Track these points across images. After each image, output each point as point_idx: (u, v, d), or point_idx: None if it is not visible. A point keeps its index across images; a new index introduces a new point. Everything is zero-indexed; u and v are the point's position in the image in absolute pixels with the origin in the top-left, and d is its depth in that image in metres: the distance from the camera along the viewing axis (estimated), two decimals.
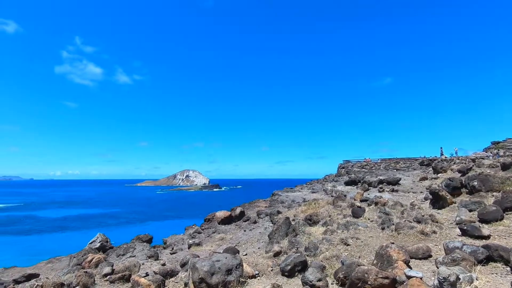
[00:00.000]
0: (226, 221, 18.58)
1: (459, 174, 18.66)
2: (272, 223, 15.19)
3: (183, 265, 9.41)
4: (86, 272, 8.60)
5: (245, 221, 18.00)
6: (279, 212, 16.75)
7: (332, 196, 19.42)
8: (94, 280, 8.43)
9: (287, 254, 8.76)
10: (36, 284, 8.47)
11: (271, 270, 7.95)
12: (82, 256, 12.09)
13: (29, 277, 10.32)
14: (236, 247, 11.21)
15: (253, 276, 7.47)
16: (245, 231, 15.53)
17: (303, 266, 7.41)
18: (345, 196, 16.63)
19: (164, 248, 16.19)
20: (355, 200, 15.28)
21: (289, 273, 7.38)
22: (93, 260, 10.61)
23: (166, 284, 7.78)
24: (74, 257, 12.91)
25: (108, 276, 8.76)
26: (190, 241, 14.51)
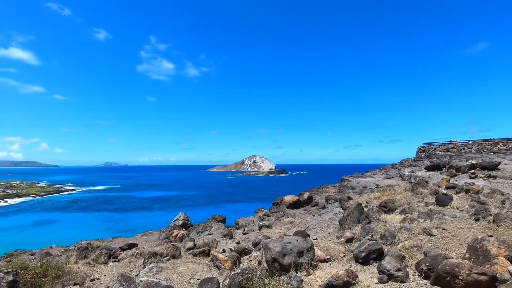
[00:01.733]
0: (294, 205, 18.74)
1: None
2: (343, 209, 14.71)
3: (255, 245, 9.94)
4: (173, 245, 9.83)
5: (313, 206, 17.86)
6: (349, 198, 16.10)
7: (410, 182, 17.69)
8: (180, 253, 9.58)
9: (360, 241, 8.42)
10: (136, 252, 10.08)
11: (344, 256, 7.77)
12: (169, 231, 13.83)
13: (130, 246, 12.33)
14: (305, 231, 11.27)
15: (325, 260, 7.43)
16: (313, 215, 15.44)
17: (378, 254, 7.03)
18: (426, 182, 14.95)
19: (237, 228, 17.32)
20: (439, 186, 13.60)
21: (363, 260, 7.11)
22: (178, 235, 12.04)
23: (241, 261, 8.35)
24: (163, 232, 14.87)
25: (191, 250, 9.85)
26: (261, 223, 15.14)
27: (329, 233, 11.17)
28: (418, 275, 5.83)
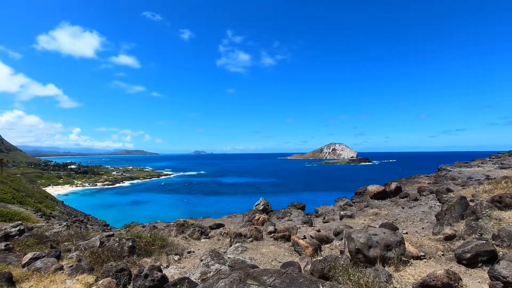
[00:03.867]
0: (379, 196, 17.34)
1: None
2: (440, 202, 12.88)
3: (336, 234, 9.65)
4: (256, 227, 10.39)
5: (402, 198, 16.17)
6: (449, 190, 13.95)
7: None
8: (262, 235, 10.06)
9: (463, 239, 7.25)
10: (223, 231, 11.05)
11: (442, 255, 6.83)
12: (251, 215, 14.67)
13: (218, 226, 13.59)
14: (393, 224, 10.33)
15: (418, 257, 6.68)
16: (403, 208, 13.99)
17: (490, 257, 5.92)
18: None
19: (316, 216, 17.12)
20: None
21: (468, 262, 6.11)
22: (260, 219, 12.65)
23: (322, 249, 8.25)
24: (246, 215, 15.88)
25: (272, 234, 10.23)
26: (342, 213, 14.59)
27: (422, 228, 9.99)
28: None
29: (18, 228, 11.09)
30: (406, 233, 9.38)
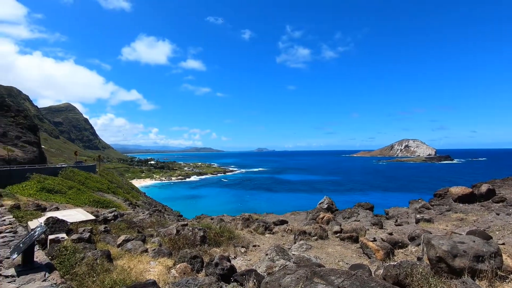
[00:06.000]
0: (465, 199, 15.10)
1: None
2: None
3: (412, 238, 8.79)
4: (320, 226, 10.15)
5: (497, 202, 13.79)
6: None
7: None
8: (327, 235, 9.78)
9: None
10: (287, 228, 11.09)
11: None
12: (315, 213, 14.36)
13: (281, 222, 13.71)
14: (485, 231, 8.89)
15: None
16: (498, 214, 11.91)
17: None
18: None
19: (387, 218, 15.83)
20: None
21: None
22: (324, 218, 12.31)
23: (394, 253, 7.61)
24: (309, 213, 15.62)
25: (338, 234, 9.85)
26: (418, 216, 13.18)
27: None
28: None
29: (113, 213, 13.07)
30: (503, 243, 7.99)
